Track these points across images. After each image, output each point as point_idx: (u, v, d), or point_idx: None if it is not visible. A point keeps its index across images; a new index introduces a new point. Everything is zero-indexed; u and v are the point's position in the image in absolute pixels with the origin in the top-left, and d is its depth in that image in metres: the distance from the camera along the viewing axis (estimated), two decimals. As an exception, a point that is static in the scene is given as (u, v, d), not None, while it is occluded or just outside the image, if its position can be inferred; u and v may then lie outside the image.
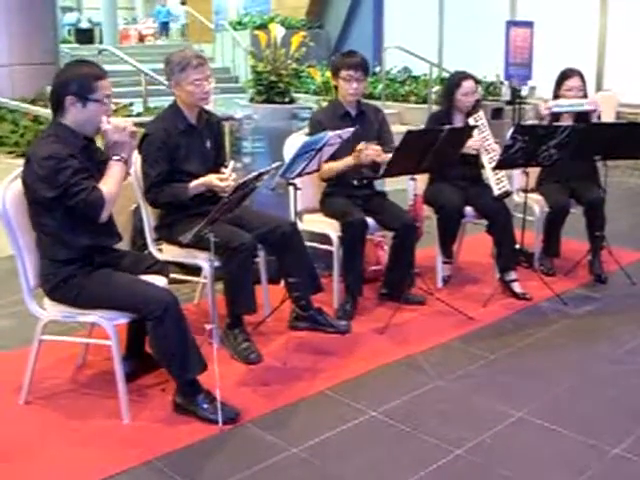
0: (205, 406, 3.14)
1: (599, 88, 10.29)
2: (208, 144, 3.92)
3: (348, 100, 4.38)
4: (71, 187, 3.02)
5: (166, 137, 3.77)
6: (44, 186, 3.03)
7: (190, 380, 3.17)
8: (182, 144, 3.80)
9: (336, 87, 4.45)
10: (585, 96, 4.95)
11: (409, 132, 4.03)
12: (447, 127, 4.16)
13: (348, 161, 4.26)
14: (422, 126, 4.83)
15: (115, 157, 3.20)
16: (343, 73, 4.34)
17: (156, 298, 3.10)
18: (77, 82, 3.11)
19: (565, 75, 4.97)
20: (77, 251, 3.17)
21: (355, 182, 4.42)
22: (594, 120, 4.81)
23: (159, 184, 3.75)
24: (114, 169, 3.19)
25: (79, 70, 3.17)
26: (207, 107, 4.01)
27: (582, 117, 4.84)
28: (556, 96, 4.96)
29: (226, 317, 3.76)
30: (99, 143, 3.34)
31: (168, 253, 3.90)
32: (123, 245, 3.60)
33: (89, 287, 3.15)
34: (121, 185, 3.23)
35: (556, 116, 4.87)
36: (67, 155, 3.04)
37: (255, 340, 3.79)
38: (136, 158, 3.87)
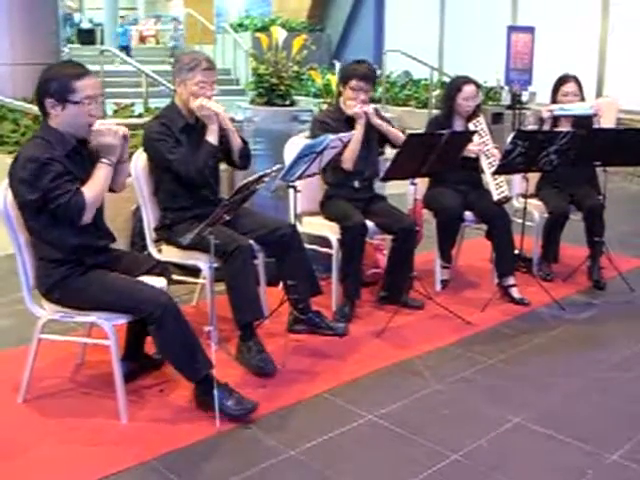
0: (224, 400, 3.14)
1: (599, 94, 10.31)
2: None
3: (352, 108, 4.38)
4: (52, 191, 3.00)
5: (168, 131, 3.78)
6: (26, 189, 3.01)
7: (203, 377, 3.17)
8: (183, 141, 3.80)
9: (340, 92, 4.46)
10: (582, 101, 4.97)
11: (410, 136, 4.04)
12: (448, 131, 4.17)
13: (356, 132, 4.27)
14: (422, 130, 4.84)
15: (104, 160, 3.16)
16: (352, 83, 4.35)
17: (151, 300, 3.10)
18: (55, 84, 3.06)
19: (561, 81, 5.00)
20: (66, 251, 3.15)
21: (356, 183, 4.43)
22: (597, 125, 4.82)
23: (190, 161, 3.73)
24: (100, 173, 3.15)
25: (58, 71, 3.12)
26: None
27: (581, 123, 4.85)
28: (554, 102, 4.99)
29: (237, 329, 3.69)
30: None
31: (167, 254, 3.91)
32: (122, 246, 3.59)
33: (84, 289, 3.15)
34: (106, 188, 3.20)
35: (555, 121, 4.89)
36: (49, 158, 3.01)
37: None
38: (138, 157, 3.88)
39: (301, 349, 3.91)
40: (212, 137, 3.80)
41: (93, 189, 3.11)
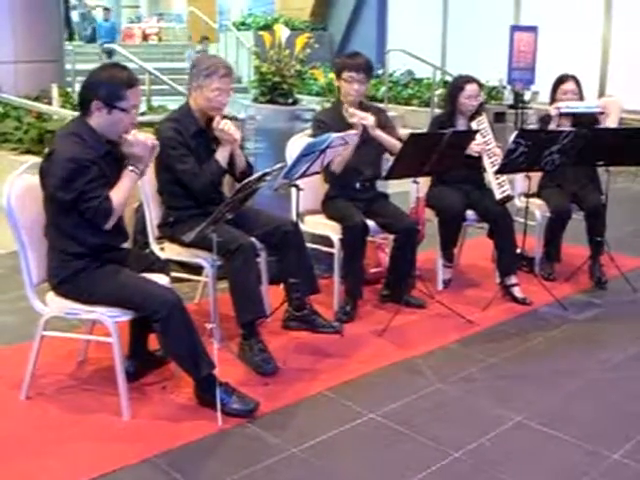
0: (226, 399, 3.15)
1: (602, 94, 10.31)
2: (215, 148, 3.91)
3: (349, 101, 4.38)
4: (85, 193, 3.05)
5: (180, 137, 3.76)
6: (61, 187, 3.05)
7: (205, 375, 3.18)
8: (193, 147, 3.79)
9: (339, 88, 4.47)
10: (581, 99, 4.99)
11: (412, 135, 4.04)
12: (450, 130, 4.17)
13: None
14: (425, 129, 4.84)
15: (130, 168, 3.20)
16: (345, 74, 4.35)
17: (161, 298, 3.11)
18: (107, 87, 3.10)
19: (560, 80, 5.02)
20: (88, 248, 3.19)
21: (357, 185, 4.43)
22: (602, 123, 4.83)
23: (198, 174, 3.75)
24: (126, 180, 3.20)
25: (112, 74, 3.14)
26: None
27: (581, 122, 4.84)
28: (553, 100, 5.01)
29: (239, 328, 3.70)
30: None
31: (170, 252, 3.91)
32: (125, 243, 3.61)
33: (96, 283, 3.17)
34: (130, 195, 3.24)
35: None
36: (88, 161, 3.06)
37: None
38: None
39: (302, 347, 3.91)
40: (222, 158, 3.80)
41: (119, 196, 3.15)
